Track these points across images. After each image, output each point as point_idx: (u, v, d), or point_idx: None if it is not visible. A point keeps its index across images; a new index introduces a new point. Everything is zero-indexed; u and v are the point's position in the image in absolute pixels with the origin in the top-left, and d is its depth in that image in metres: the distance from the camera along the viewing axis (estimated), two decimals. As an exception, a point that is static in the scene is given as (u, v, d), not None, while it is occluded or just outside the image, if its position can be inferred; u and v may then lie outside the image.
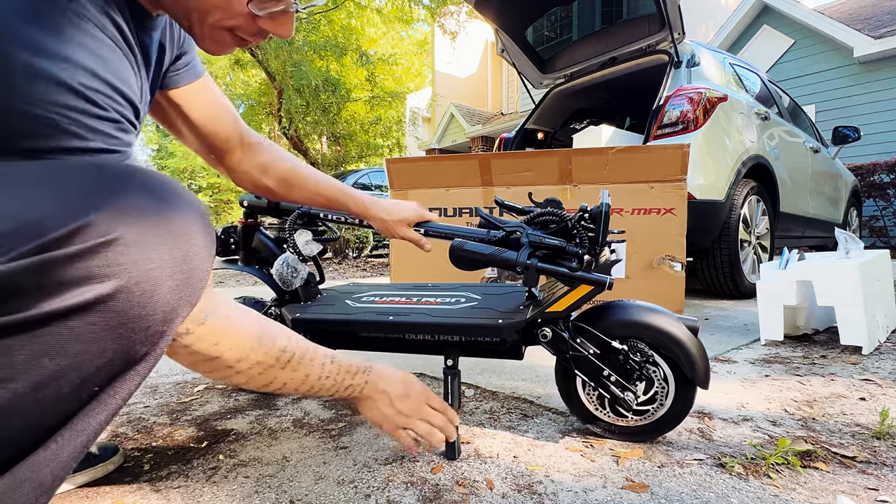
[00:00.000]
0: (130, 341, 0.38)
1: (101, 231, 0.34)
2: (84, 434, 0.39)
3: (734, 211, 2.47)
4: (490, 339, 0.93)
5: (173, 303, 0.40)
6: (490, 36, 11.55)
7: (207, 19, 0.53)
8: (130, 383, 0.41)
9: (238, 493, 0.79)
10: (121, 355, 0.38)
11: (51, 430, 0.37)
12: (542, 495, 0.76)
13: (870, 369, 1.41)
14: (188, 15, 0.53)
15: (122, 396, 0.40)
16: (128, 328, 0.37)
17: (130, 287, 0.36)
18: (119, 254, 0.35)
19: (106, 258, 0.35)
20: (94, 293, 0.34)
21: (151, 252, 0.37)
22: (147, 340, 0.39)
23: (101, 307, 0.35)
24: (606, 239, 0.86)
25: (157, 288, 0.38)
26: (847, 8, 8.30)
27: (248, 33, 0.55)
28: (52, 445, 0.37)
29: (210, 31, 0.54)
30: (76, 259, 0.34)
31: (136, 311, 0.37)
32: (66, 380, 0.35)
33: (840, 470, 0.83)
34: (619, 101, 3.63)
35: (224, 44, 0.56)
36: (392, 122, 11.56)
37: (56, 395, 0.35)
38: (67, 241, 0.33)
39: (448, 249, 0.92)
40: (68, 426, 0.37)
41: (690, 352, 0.86)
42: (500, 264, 0.89)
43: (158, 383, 1.42)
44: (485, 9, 2.99)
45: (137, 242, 0.36)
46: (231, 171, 0.89)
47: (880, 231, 5.78)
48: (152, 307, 0.38)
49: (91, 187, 0.36)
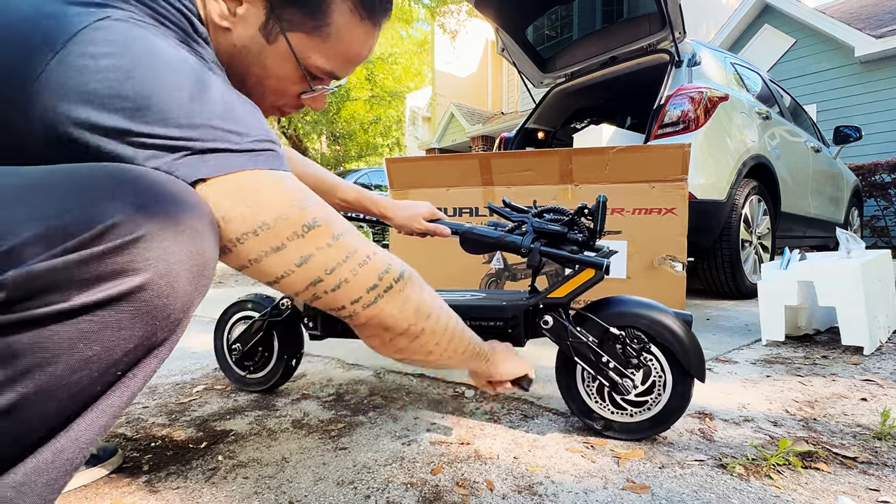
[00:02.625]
0: (154, 328, 0.42)
1: (128, 230, 0.38)
2: (104, 416, 0.42)
3: (735, 211, 2.46)
4: (494, 323, 0.99)
5: (191, 292, 0.44)
6: (490, 35, 11.54)
7: (265, 102, 0.65)
8: (148, 368, 0.44)
9: (237, 494, 0.79)
10: (144, 342, 0.42)
11: (76, 414, 0.40)
12: (542, 496, 0.76)
13: (871, 370, 1.40)
14: (249, 96, 0.60)
15: (140, 380, 0.44)
16: (153, 316, 0.41)
17: (156, 279, 0.40)
18: (145, 249, 0.39)
19: (134, 254, 0.39)
20: (125, 286, 0.39)
21: (172, 247, 0.41)
22: (167, 327, 0.43)
23: (131, 298, 0.39)
24: (604, 229, 0.93)
25: (178, 279, 0.42)
26: (848, 7, 8.29)
27: (291, 108, 0.68)
28: (75, 428, 0.40)
29: (265, 108, 0.65)
30: (107, 256, 0.38)
31: (161, 301, 0.41)
32: (96, 365, 0.39)
33: (841, 470, 0.83)
34: (619, 100, 3.62)
35: (270, 114, 0.67)
36: (392, 122, 11.57)
37: (87, 378, 0.39)
38: (98, 240, 0.37)
39: (450, 246, 0.97)
40: (92, 408, 0.41)
41: (684, 340, 0.90)
42: (506, 247, 0.96)
43: (157, 384, 1.42)
44: (485, 8, 2.98)
45: (159, 239, 0.40)
46: None
47: (881, 231, 5.78)
48: (174, 297, 0.42)
49: (115, 189, 0.40)
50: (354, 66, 0.66)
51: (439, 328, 0.65)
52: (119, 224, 0.38)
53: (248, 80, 0.62)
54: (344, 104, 9.90)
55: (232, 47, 0.59)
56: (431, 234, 1.06)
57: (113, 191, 0.39)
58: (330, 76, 0.64)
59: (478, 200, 2.03)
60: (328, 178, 1.01)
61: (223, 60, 0.60)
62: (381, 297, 0.57)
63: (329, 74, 0.64)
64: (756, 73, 3.26)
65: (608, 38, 3.01)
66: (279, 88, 0.64)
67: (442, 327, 0.66)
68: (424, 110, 14.19)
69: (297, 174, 0.95)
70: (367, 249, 0.56)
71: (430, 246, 2.00)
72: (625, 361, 0.91)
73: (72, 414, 0.40)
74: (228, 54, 0.60)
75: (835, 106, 6.81)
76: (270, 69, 0.61)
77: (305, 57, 0.61)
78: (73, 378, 0.38)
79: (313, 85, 0.64)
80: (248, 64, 0.61)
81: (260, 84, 0.63)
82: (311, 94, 0.65)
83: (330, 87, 0.66)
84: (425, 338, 0.64)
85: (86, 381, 0.39)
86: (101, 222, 0.37)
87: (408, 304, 0.60)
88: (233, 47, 0.59)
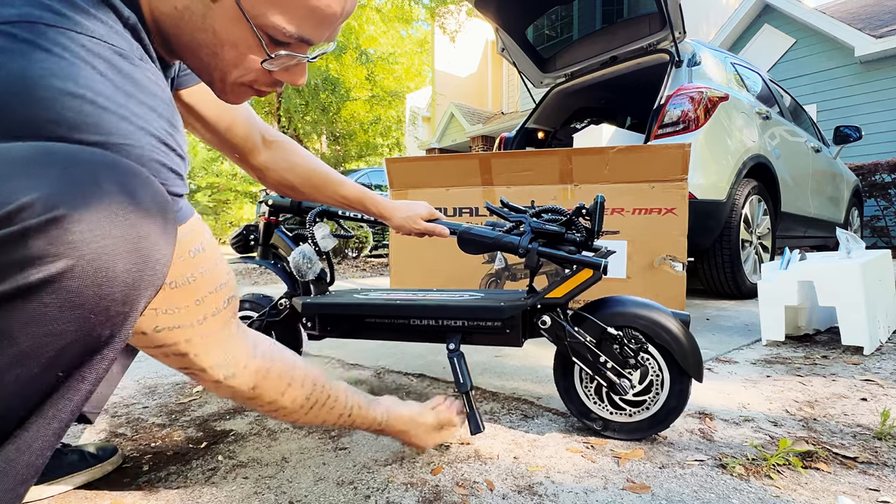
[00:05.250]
0: (91, 323, 0.37)
1: (45, 209, 0.34)
2: (56, 421, 0.39)
3: (735, 211, 2.46)
4: (492, 323, 0.99)
5: (131, 283, 0.39)
6: (490, 35, 11.54)
7: (228, 78, 0.55)
8: (98, 368, 0.40)
9: (237, 494, 0.79)
10: (83, 338, 0.37)
11: (20, 420, 0.37)
12: (542, 496, 0.76)
13: (871, 370, 1.40)
14: (210, 73, 0.55)
15: (90, 382, 0.40)
16: (86, 308, 0.36)
17: (83, 266, 0.35)
18: (67, 232, 0.34)
19: (53, 237, 0.34)
20: (43, 273, 0.34)
21: (101, 230, 0.36)
22: (108, 322, 0.39)
23: (53, 287, 0.34)
24: (602, 229, 0.93)
25: (112, 267, 0.37)
26: (848, 7, 8.28)
27: (265, 84, 0.58)
28: (24, 435, 0.37)
29: (231, 87, 0.56)
30: (19, 239, 0.33)
31: (92, 291, 0.36)
32: (28, 364, 0.35)
33: (841, 470, 0.83)
34: (619, 100, 3.62)
35: (244, 95, 0.59)
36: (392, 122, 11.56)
37: (20, 380, 0.35)
38: (8, 220, 0.33)
39: (449, 246, 0.97)
40: (37, 413, 0.37)
41: (681, 340, 0.90)
42: (504, 247, 0.96)
43: (157, 384, 1.42)
44: (485, 7, 2.98)
45: (85, 220, 0.35)
46: (256, 170, 0.92)
47: (881, 231, 5.77)
48: (108, 287, 0.37)
49: (35, 166, 0.35)
50: (329, 25, 0.53)
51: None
52: (35, 202, 0.33)
53: (200, 52, 0.52)
54: (344, 104, 9.89)
55: (174, 10, 0.50)
56: (430, 234, 1.06)
57: (32, 167, 0.35)
58: (299, 40, 0.52)
59: (478, 200, 2.03)
60: (330, 174, 0.99)
61: (168, 30, 0.51)
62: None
63: (297, 38, 0.52)
64: (756, 73, 3.26)
65: (608, 38, 3.01)
66: (238, 60, 0.53)
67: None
68: (424, 110, 14.18)
69: (299, 167, 0.94)
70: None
71: (430, 246, 2.00)
72: (622, 361, 0.91)
73: (15, 419, 0.36)
74: (173, 20, 0.50)
75: (835, 106, 6.81)
76: (221, 35, 0.51)
77: (258, 15, 0.49)
78: (3, 378, 0.34)
79: (274, 51, 0.52)
80: (195, 30, 0.51)
81: (215, 56, 0.52)
82: (274, 62, 0.54)
83: (304, 55, 0.55)
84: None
85: (13, 387, 0.35)
86: (14, 200, 0.33)
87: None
88: (174, 10, 0.50)
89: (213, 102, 0.80)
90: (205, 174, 18.86)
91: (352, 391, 0.75)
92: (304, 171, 0.95)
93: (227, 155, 0.90)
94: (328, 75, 9.17)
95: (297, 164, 0.94)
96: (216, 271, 0.54)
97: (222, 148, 0.87)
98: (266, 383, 0.61)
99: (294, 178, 0.94)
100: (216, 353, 0.55)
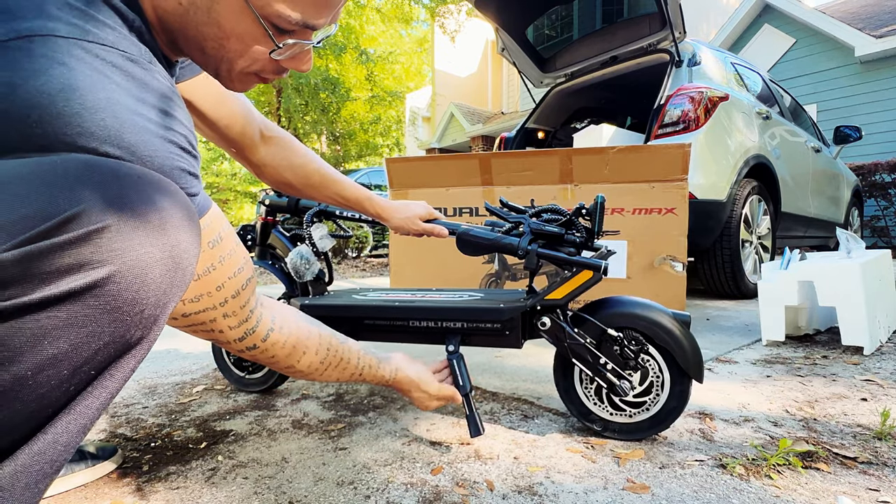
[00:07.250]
0: (126, 325, 0.40)
1: (91, 220, 0.37)
2: (83, 418, 0.41)
3: (735, 211, 2.46)
4: (491, 325, 0.98)
5: (164, 287, 0.42)
6: (490, 35, 11.54)
7: (235, 68, 0.56)
8: (126, 368, 0.43)
9: (237, 494, 0.79)
10: (117, 339, 0.40)
11: (50, 416, 0.39)
12: (542, 496, 0.76)
13: (871, 370, 1.40)
14: (216, 65, 0.56)
15: (118, 380, 0.42)
16: (123, 312, 0.39)
17: (123, 272, 0.38)
18: (110, 241, 0.37)
19: (98, 245, 0.37)
20: (89, 278, 0.37)
21: (140, 239, 0.39)
22: (141, 324, 0.41)
23: (96, 291, 0.37)
24: (602, 230, 0.93)
25: (149, 273, 0.40)
26: (848, 7, 8.28)
27: (271, 72, 0.58)
28: (52, 430, 0.39)
29: (238, 76, 0.57)
30: (69, 247, 0.36)
31: (130, 296, 0.39)
32: (64, 363, 0.37)
33: (841, 471, 0.83)
34: (619, 100, 3.62)
35: (250, 83, 0.60)
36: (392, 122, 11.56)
37: (55, 378, 0.37)
38: (59, 230, 0.35)
39: (450, 246, 0.96)
40: (67, 410, 0.39)
41: (681, 340, 0.89)
42: (503, 248, 0.95)
43: (157, 384, 1.42)
44: (485, 7, 2.98)
45: (126, 230, 0.38)
46: (255, 166, 0.92)
47: (882, 231, 5.77)
48: (145, 291, 0.40)
49: (80, 180, 0.38)
50: (330, 8, 0.54)
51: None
52: (82, 214, 0.36)
53: (206, 45, 0.53)
54: (344, 104, 9.89)
55: (178, 6, 0.50)
56: (428, 234, 1.05)
57: (77, 181, 0.38)
58: (303, 26, 0.53)
59: (478, 200, 2.03)
60: (329, 173, 0.98)
61: (173, 26, 0.52)
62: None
63: (300, 24, 0.52)
64: (756, 72, 3.26)
65: (608, 38, 3.01)
66: (244, 51, 0.54)
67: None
68: (424, 110, 14.17)
69: (298, 165, 0.94)
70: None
71: (430, 246, 2.01)
72: (622, 363, 0.91)
73: (45, 415, 0.38)
74: (178, 16, 0.51)
75: (835, 106, 6.81)
76: (226, 27, 0.51)
77: (262, 5, 0.50)
78: (39, 378, 0.36)
79: (281, 40, 0.53)
80: (200, 24, 0.51)
81: (221, 48, 0.53)
82: (282, 52, 0.55)
83: (309, 41, 0.55)
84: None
85: (54, 381, 0.37)
86: (63, 212, 0.36)
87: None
88: (178, 6, 0.50)
89: (211, 96, 0.79)
90: (204, 174, 18.84)
91: (364, 352, 0.83)
92: (303, 170, 0.94)
93: (224, 149, 0.89)
94: (328, 75, 9.16)
95: (295, 162, 0.93)
96: (234, 257, 0.58)
97: (219, 142, 0.87)
98: (283, 352, 0.70)
99: (292, 176, 0.94)
100: (238, 329, 0.63)
